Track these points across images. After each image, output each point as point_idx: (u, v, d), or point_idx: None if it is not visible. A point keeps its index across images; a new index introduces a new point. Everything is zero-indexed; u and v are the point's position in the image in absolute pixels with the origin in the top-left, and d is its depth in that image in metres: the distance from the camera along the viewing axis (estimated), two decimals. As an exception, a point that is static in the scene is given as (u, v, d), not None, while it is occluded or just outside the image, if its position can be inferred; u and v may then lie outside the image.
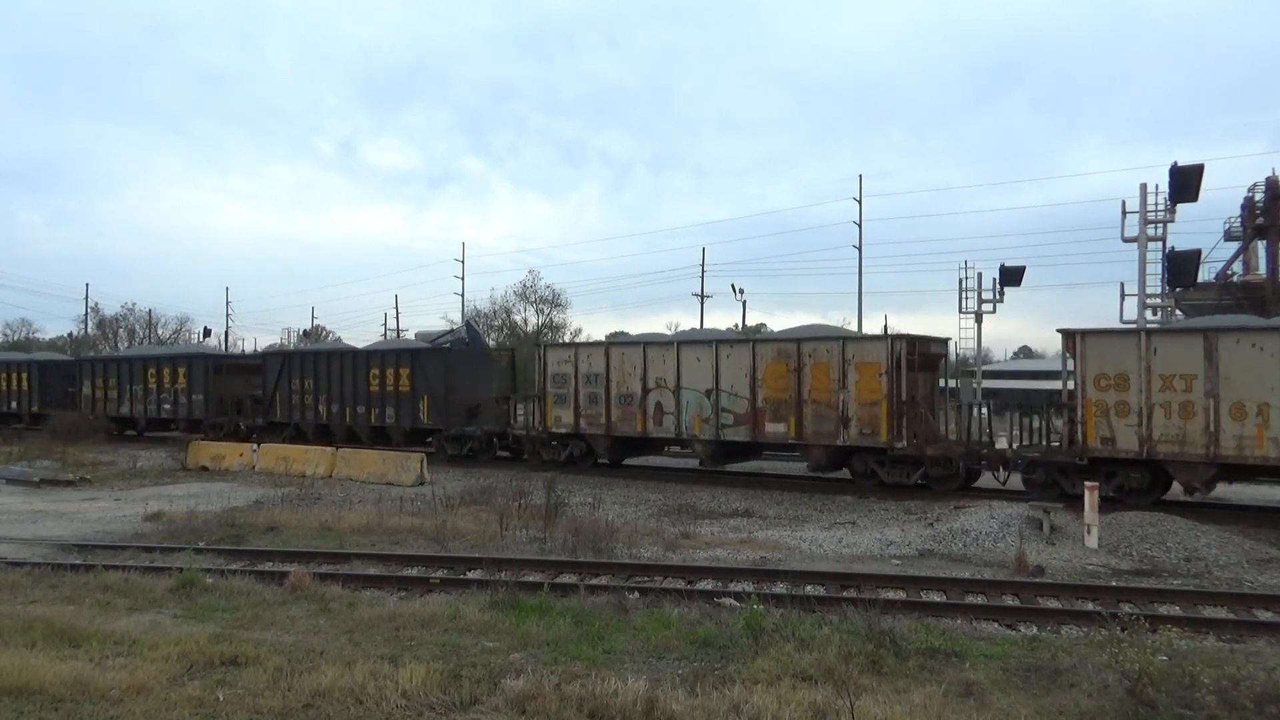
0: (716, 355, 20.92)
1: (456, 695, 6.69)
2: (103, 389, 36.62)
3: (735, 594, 10.34)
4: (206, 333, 67.78)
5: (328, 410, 29.02)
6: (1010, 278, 39.08)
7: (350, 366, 28.56)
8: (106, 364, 37.64)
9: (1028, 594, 10.57)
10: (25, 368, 41.10)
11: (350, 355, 29.30)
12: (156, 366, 35.00)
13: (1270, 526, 15.24)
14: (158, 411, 34.66)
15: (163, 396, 34.51)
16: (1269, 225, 33.95)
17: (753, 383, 20.28)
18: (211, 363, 33.85)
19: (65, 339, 75.46)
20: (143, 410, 35.14)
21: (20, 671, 7.03)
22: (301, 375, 29.80)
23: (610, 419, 22.41)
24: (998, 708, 6.62)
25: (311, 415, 29.49)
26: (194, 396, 33.32)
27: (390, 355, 28.01)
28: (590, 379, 22.75)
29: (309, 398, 29.50)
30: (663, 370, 21.72)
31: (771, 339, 21.40)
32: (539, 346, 24.53)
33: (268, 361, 31.75)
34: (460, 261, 61.76)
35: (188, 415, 33.38)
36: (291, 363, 30.46)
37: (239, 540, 14.50)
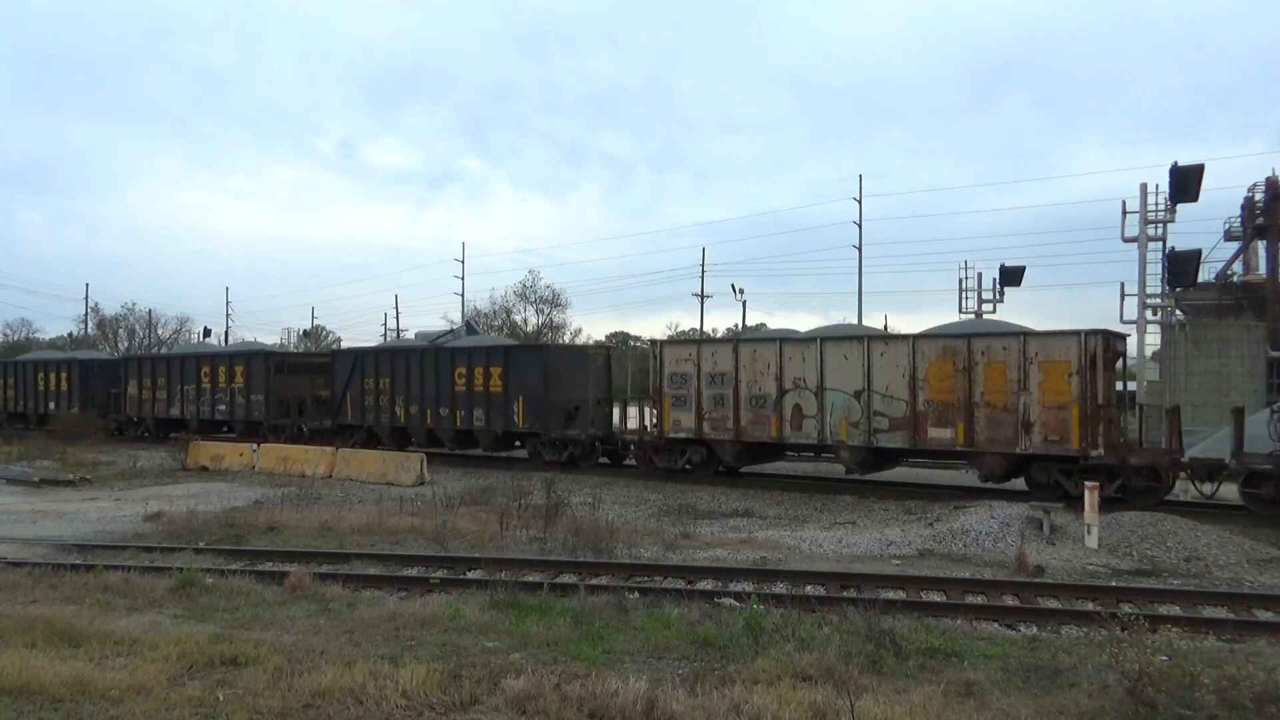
0: (868, 353, 18.96)
1: (456, 695, 6.69)
2: (150, 389, 34.37)
3: (735, 594, 10.34)
4: (206, 333, 67.84)
5: (405, 412, 26.76)
6: (1010, 278, 39.14)
7: (433, 365, 26.35)
8: (155, 363, 35.56)
9: (1028, 594, 10.57)
10: (66, 367, 38.78)
11: (434, 353, 26.99)
12: (211, 365, 32.68)
13: (1270, 526, 15.24)
14: (211, 413, 32.32)
15: (217, 397, 32.22)
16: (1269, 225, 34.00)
17: (912, 383, 18.34)
18: (273, 361, 31.63)
19: (65, 339, 75.43)
20: (194, 412, 32.73)
21: (20, 671, 7.03)
22: (377, 374, 27.56)
23: (739, 422, 20.50)
24: (998, 708, 6.62)
25: (387, 418, 27.24)
26: (253, 397, 31.01)
27: (480, 353, 26.07)
28: (715, 379, 20.88)
29: (384, 398, 27.30)
30: (802, 369, 19.74)
31: (935, 335, 19.24)
32: (654, 344, 22.69)
33: (337, 359, 29.70)
34: (460, 261, 61.86)
35: (245, 417, 31.21)
36: (365, 361, 28.22)
37: (239, 540, 14.50)
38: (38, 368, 39.77)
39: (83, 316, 72.39)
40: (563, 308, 67.58)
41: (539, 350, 26.00)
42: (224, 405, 32.08)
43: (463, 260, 61.92)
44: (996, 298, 40.50)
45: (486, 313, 65.44)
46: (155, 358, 37.53)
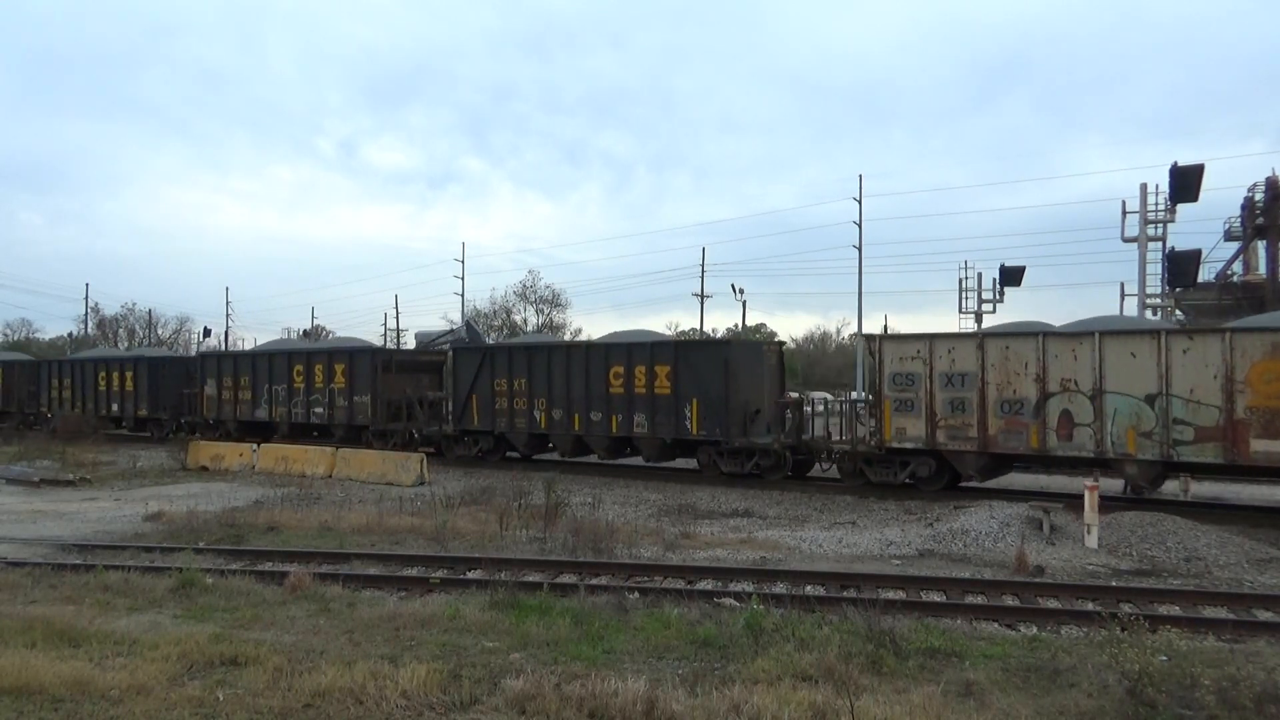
0: (1164, 350, 16.12)
1: (456, 695, 6.70)
2: (231, 389, 30.90)
3: (735, 594, 10.34)
4: (206, 333, 67.96)
5: (546, 416, 23.51)
6: (1010, 278, 39.18)
7: (583, 363, 23.02)
8: (239, 360, 31.77)
9: (1028, 594, 10.57)
10: (131, 365, 35.67)
11: (584, 350, 23.75)
12: (306, 363, 29.19)
13: (1270, 526, 15.24)
14: (305, 416, 28.89)
15: (313, 399, 28.61)
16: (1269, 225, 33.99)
17: (1228, 386, 15.56)
18: (380, 359, 28.09)
19: (65, 339, 75.45)
20: (285, 414, 29.36)
21: (20, 671, 7.03)
22: (511, 373, 24.15)
23: (987, 431, 17.78)
24: (998, 708, 6.62)
25: (524, 422, 23.93)
26: (356, 398, 27.60)
27: (642, 349, 22.53)
28: (953, 380, 18.14)
29: (520, 401, 24.02)
30: (1073, 369, 17.01)
31: (1260, 328, 16.17)
32: (871, 339, 20.38)
33: (459, 357, 26.03)
34: (460, 261, 61.89)
35: (347, 420, 27.83)
36: (496, 358, 24.75)
37: (239, 540, 14.50)
38: (98, 367, 36.60)
39: (83, 316, 72.46)
40: (563, 308, 67.64)
41: (718, 346, 22.55)
42: (321, 408, 28.57)
43: (463, 260, 62.01)
44: (996, 298, 40.56)
45: (486, 313, 65.48)
46: (239, 354, 33.97)
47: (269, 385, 29.97)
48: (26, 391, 39.64)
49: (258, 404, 30.30)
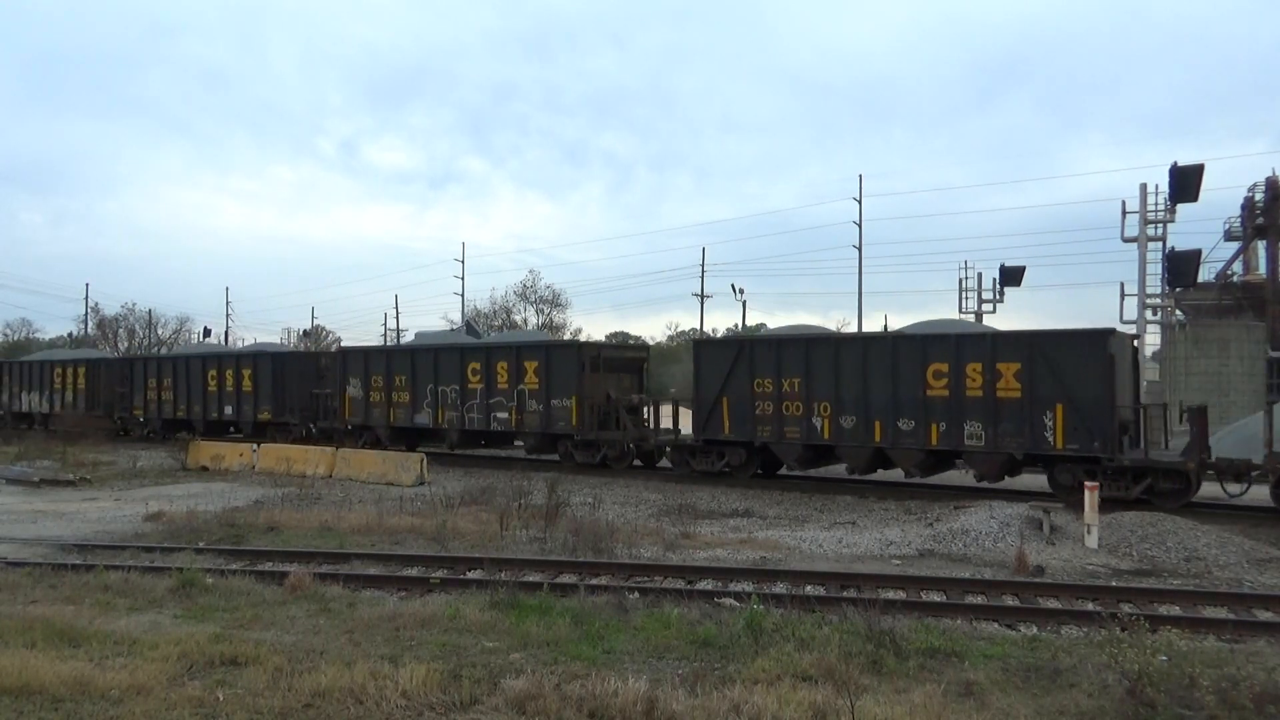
0: None
1: (456, 695, 6.69)
2: (383, 391, 26.77)
3: (735, 594, 10.34)
4: (206, 333, 67.96)
5: (830, 424, 19.20)
6: (1010, 278, 39.18)
7: (886, 359, 18.71)
8: (394, 357, 27.20)
9: (1028, 594, 10.57)
10: (249, 362, 31.37)
11: (889, 342, 19.42)
12: (486, 360, 24.69)
13: (1270, 526, 15.24)
14: (484, 421, 24.60)
15: (494, 401, 24.35)
16: (1269, 225, 34.00)
17: None
18: (587, 354, 23.63)
19: (65, 339, 75.44)
20: (456, 419, 25.06)
21: (20, 671, 7.03)
22: (779, 371, 19.84)
23: None
24: (998, 708, 6.62)
25: (798, 431, 19.58)
26: (555, 401, 23.27)
27: (978, 343, 18.22)
28: None
29: (792, 405, 19.68)
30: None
31: None
32: None
33: (705, 352, 21.66)
34: (460, 261, 61.84)
35: (542, 428, 23.56)
36: (757, 353, 20.30)
37: (239, 540, 14.50)
38: (207, 365, 32.38)
39: (83, 316, 72.43)
40: (563, 308, 67.53)
41: (1097, 337, 17.04)
42: (504, 412, 24.22)
43: (463, 260, 61.95)
44: (996, 298, 40.58)
45: (487, 313, 65.41)
46: (394, 350, 29.52)
47: (434, 385, 25.50)
48: (115, 393, 35.74)
49: (418, 407, 25.85)
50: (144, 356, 39.17)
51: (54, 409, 37.87)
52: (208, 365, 32.33)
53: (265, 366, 30.69)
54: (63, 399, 37.97)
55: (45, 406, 38.68)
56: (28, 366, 40.74)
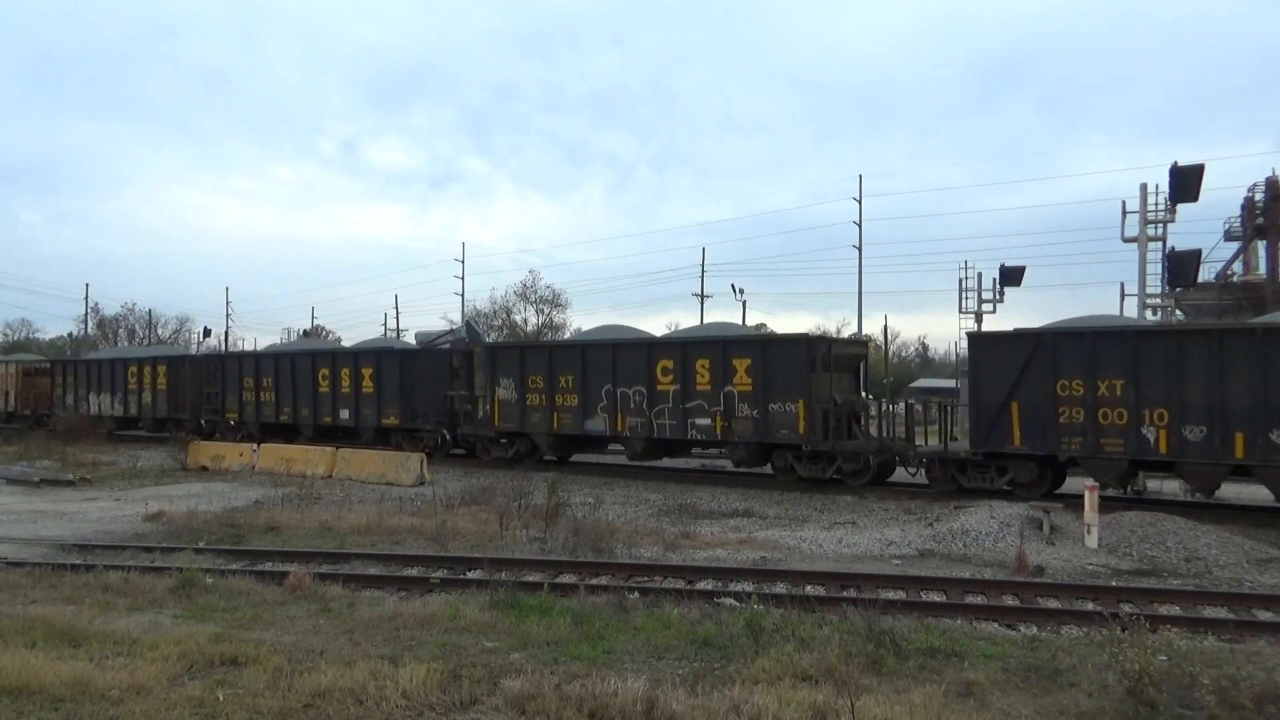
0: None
1: (456, 695, 6.70)
2: (542, 393, 22.63)
3: (735, 594, 10.34)
4: (206, 333, 67.86)
5: (1166, 435, 16.01)
6: (1010, 278, 39.13)
7: (1256, 355, 15.31)
8: (556, 354, 23.02)
9: (1028, 594, 10.57)
10: (371, 360, 27.12)
11: (1259, 335, 15.56)
12: (680, 356, 20.87)
13: (1270, 526, 15.24)
14: (680, 429, 20.74)
15: (692, 406, 20.60)
16: (1269, 225, 34.00)
17: None
18: (817, 350, 19.95)
19: (65, 339, 75.47)
20: (641, 426, 21.30)
21: (20, 671, 7.03)
22: (1095, 370, 16.56)
23: None
24: (998, 708, 6.62)
25: (1121, 444, 16.39)
26: (775, 406, 19.62)
27: None
28: None
29: (1113, 413, 16.43)
30: None
31: None
32: None
33: (982, 348, 18.38)
34: (460, 261, 61.85)
35: (756, 436, 20.05)
36: (1060, 349, 17.02)
37: (239, 540, 14.50)
38: (318, 362, 28.34)
39: (83, 316, 72.42)
40: (563, 308, 67.48)
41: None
42: (707, 418, 20.45)
43: (463, 260, 61.95)
44: (996, 298, 40.54)
45: (486, 313, 65.40)
46: (560, 346, 24.86)
47: (611, 386, 21.79)
48: (202, 394, 32.01)
49: (589, 411, 22.06)
50: (242, 353, 34.33)
51: (129, 412, 34.62)
52: (319, 363, 28.36)
53: (391, 365, 26.77)
54: (139, 401, 34.22)
55: (118, 409, 34.95)
56: (96, 366, 36.78)
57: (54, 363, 40.75)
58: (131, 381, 34.72)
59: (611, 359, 22.11)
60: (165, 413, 33.23)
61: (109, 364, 36.34)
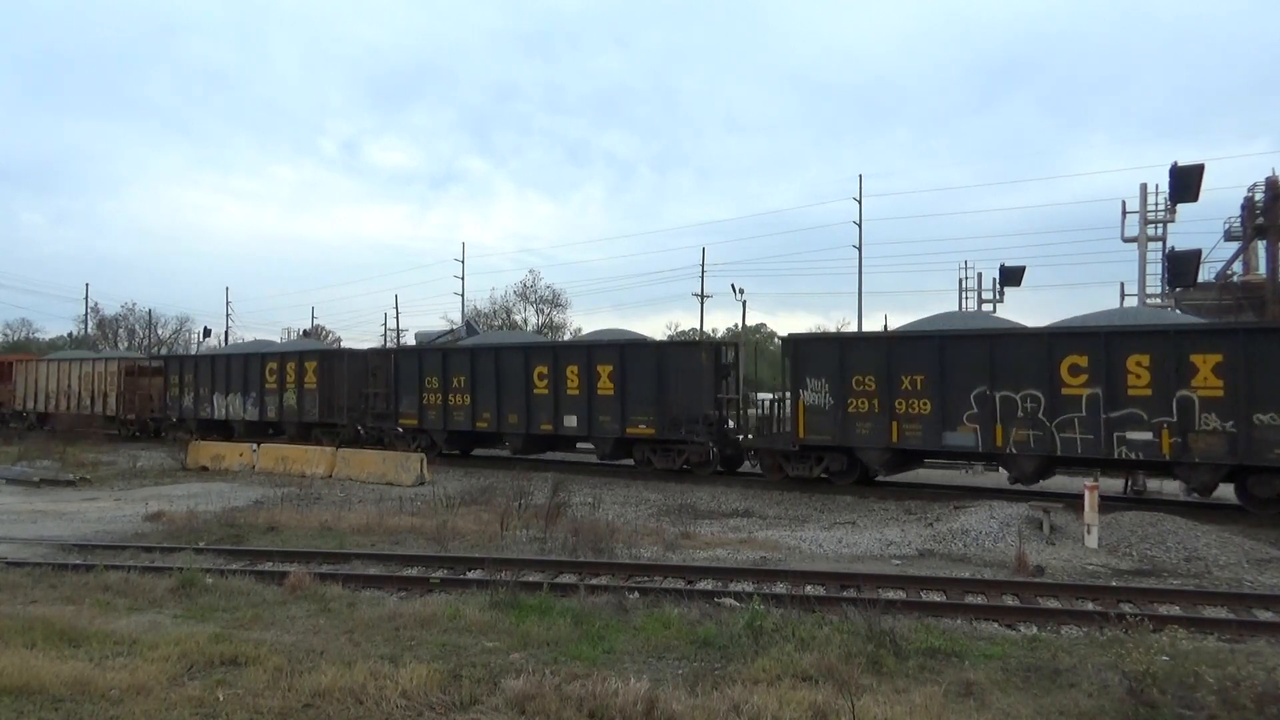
0: None
1: (456, 695, 6.69)
2: (874, 398, 18.60)
3: (735, 594, 10.33)
4: (206, 333, 67.87)
5: None
6: (1010, 278, 39.16)
7: None
8: (895, 346, 18.80)
9: (1028, 594, 10.57)
10: (612, 355, 22.53)
11: None
12: (1103, 350, 16.54)
13: (1270, 526, 15.23)
14: (1103, 445, 16.40)
15: (1116, 417, 16.25)
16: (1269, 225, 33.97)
17: None
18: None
19: (65, 339, 75.43)
20: (1036, 440, 17.03)
21: (20, 671, 7.03)
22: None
23: None
24: (998, 708, 6.62)
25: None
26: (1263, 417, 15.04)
27: None
28: None
29: None
30: None
31: None
32: None
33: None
34: (461, 261, 61.82)
35: (1229, 454, 15.48)
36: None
37: (239, 540, 14.49)
38: (533, 358, 23.82)
39: (83, 316, 72.40)
40: (563, 308, 67.50)
41: None
42: (1146, 432, 16.06)
43: (463, 260, 61.92)
44: (996, 297, 40.58)
45: (486, 313, 65.41)
46: (896, 338, 19.65)
47: (988, 390, 17.44)
48: (361, 395, 27.81)
49: (952, 421, 17.72)
50: (423, 348, 28.12)
51: (265, 416, 30.21)
52: (534, 359, 23.69)
53: (642, 360, 22.12)
54: (280, 402, 29.61)
55: (253, 413, 30.53)
56: (225, 362, 32.17)
57: (168, 359, 36.26)
58: (270, 380, 29.82)
59: (987, 356, 17.44)
60: (316, 416, 28.60)
61: (241, 360, 31.46)
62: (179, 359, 36.39)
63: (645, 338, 25.54)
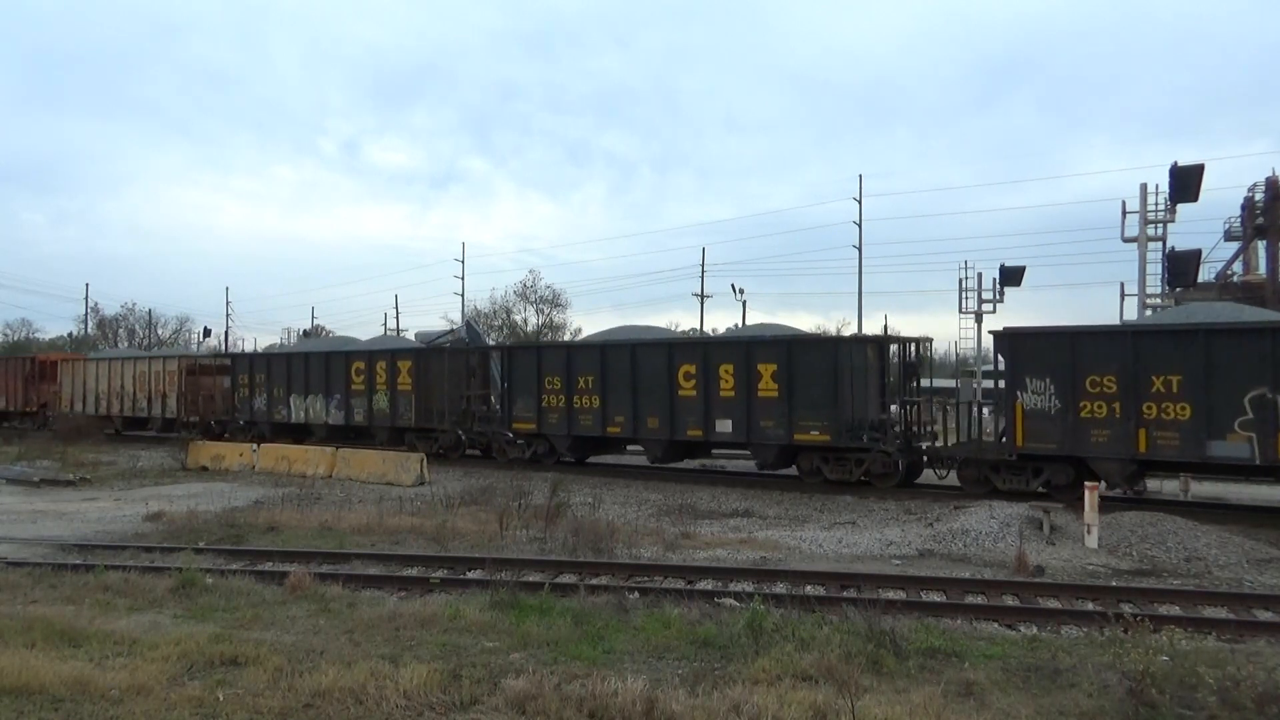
0: None
1: (456, 695, 6.69)
2: (1114, 399, 15.95)
3: (735, 594, 10.33)
4: (206, 333, 67.91)
5: None
6: (1010, 278, 39.14)
7: None
8: (1087, 341, 16.43)
9: (1028, 594, 10.56)
10: (777, 352, 19.78)
11: None
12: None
13: (1270, 526, 15.23)
14: None
15: None
16: (1269, 225, 33.98)
17: None
18: None
19: (65, 339, 75.44)
20: None
21: (20, 671, 7.03)
22: None
23: None
24: (998, 708, 6.62)
25: None
26: None
27: None
28: None
29: None
30: None
31: None
32: None
33: None
34: (460, 261, 61.84)
35: None
36: None
37: (239, 540, 14.49)
38: (677, 355, 21.17)
39: (83, 316, 72.41)
40: (563, 308, 67.43)
41: None
42: None
43: (463, 260, 61.93)
44: (996, 298, 40.55)
45: (486, 313, 65.37)
46: (1104, 332, 16.92)
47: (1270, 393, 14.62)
48: (463, 397, 25.53)
49: (1217, 430, 15.17)
50: (546, 344, 25.30)
51: (352, 420, 27.67)
52: (678, 357, 20.93)
53: (813, 359, 19.38)
54: (368, 406, 27.14)
55: (337, 416, 27.97)
56: (302, 361, 29.57)
57: (236, 357, 33.56)
58: (356, 380, 27.47)
59: (1271, 351, 14.87)
60: (412, 421, 26.27)
61: (322, 358, 28.94)
62: (249, 357, 33.63)
63: (804, 333, 23.49)
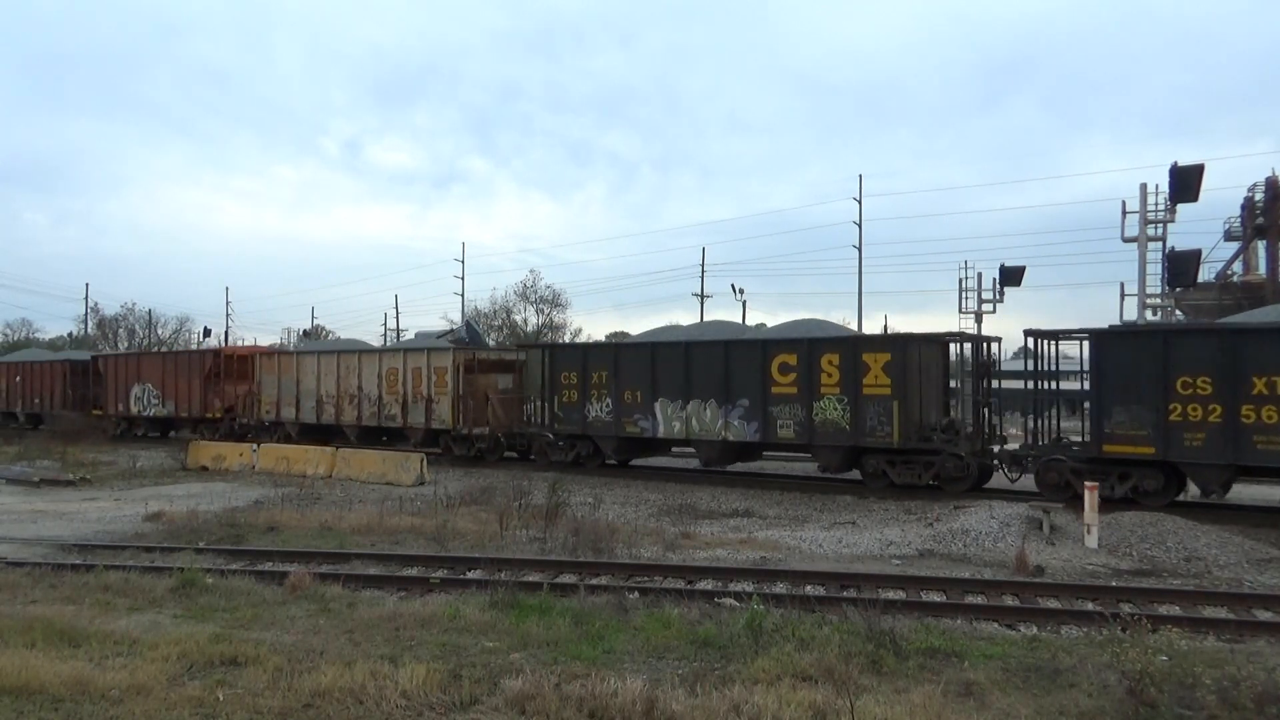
0: None
1: (456, 695, 6.69)
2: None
3: (735, 594, 10.33)
4: (206, 332, 67.89)
5: None
6: (1010, 278, 39.15)
7: None
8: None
9: (1028, 594, 10.56)
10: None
11: None
12: None
13: (1270, 526, 15.23)
14: None
15: None
16: (1269, 225, 34.00)
17: None
18: None
19: (65, 339, 75.42)
20: None
21: (20, 671, 7.03)
22: None
23: None
24: (998, 707, 6.62)
25: None
26: None
27: None
28: None
29: None
30: None
31: None
32: None
33: None
34: (461, 261, 61.86)
35: None
36: None
37: (239, 540, 14.49)
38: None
39: (83, 316, 72.41)
40: (563, 308, 67.36)
41: None
42: None
43: (463, 260, 61.97)
44: (996, 298, 40.58)
45: (486, 313, 65.32)
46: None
47: None
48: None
49: None
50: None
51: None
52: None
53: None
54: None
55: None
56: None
57: (555, 349, 24.71)
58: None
59: None
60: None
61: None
62: (581, 349, 24.67)
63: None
